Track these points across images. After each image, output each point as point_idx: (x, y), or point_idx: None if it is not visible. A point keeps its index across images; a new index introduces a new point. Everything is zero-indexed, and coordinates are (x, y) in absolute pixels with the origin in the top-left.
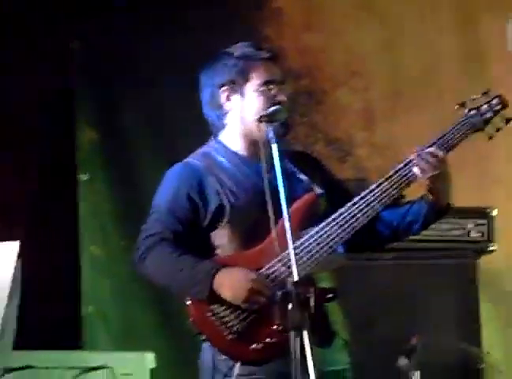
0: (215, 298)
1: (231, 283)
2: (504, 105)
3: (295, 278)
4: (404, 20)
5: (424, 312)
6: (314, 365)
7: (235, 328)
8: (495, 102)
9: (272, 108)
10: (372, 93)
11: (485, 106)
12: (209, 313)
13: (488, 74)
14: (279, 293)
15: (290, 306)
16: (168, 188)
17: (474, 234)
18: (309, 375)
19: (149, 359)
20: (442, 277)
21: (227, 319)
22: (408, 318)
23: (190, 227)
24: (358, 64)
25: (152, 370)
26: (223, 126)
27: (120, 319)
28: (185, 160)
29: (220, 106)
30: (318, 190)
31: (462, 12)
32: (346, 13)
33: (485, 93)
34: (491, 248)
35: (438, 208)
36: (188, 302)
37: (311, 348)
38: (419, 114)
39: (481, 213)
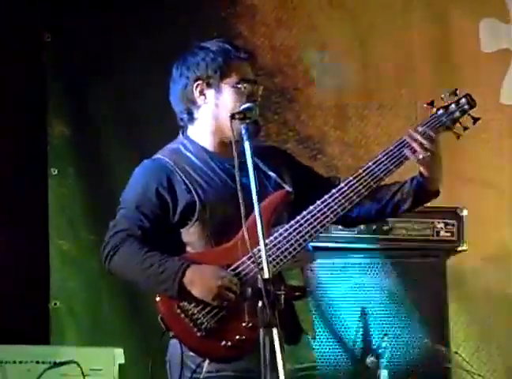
0: (184, 295)
1: (200, 281)
2: (472, 105)
3: (266, 275)
4: (376, 19)
5: (393, 310)
6: (284, 363)
7: (204, 326)
8: (463, 101)
9: (246, 106)
10: (344, 91)
11: (453, 105)
12: (179, 310)
13: (461, 74)
14: (249, 290)
15: (260, 304)
16: (137, 184)
17: (444, 234)
18: (278, 372)
19: (118, 355)
20: (412, 276)
21: (196, 316)
22: (376, 317)
23: (158, 223)
24: (330, 62)
25: (121, 366)
26: (191, 121)
27: (89, 314)
28: (153, 157)
29: (192, 100)
30: (288, 187)
31: (435, 11)
32: (318, 11)
33: (454, 92)
34: (460, 248)
35: (429, 191)
36: (157, 299)
37: (281, 346)
38: (391, 113)
39: (451, 213)
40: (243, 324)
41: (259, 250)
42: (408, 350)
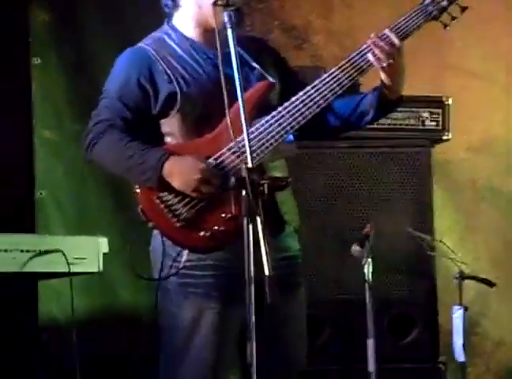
0: (164, 185)
1: (180, 172)
2: None
3: (249, 164)
4: None
5: (378, 200)
6: (267, 252)
7: (183, 216)
8: None
9: None
10: None
11: None
12: (158, 201)
13: None
14: (232, 179)
15: (244, 193)
16: (119, 74)
17: (428, 123)
18: (260, 262)
19: (103, 244)
20: (396, 166)
21: (175, 207)
22: (361, 206)
23: (139, 113)
24: None
25: (105, 255)
26: (176, 7)
27: (74, 204)
28: (137, 45)
29: None
30: (271, 79)
31: None
32: None
33: None
34: (445, 137)
35: (391, 100)
36: (137, 190)
37: (264, 234)
38: (377, 1)
39: (436, 102)
40: (222, 215)
41: (240, 141)
42: (393, 238)
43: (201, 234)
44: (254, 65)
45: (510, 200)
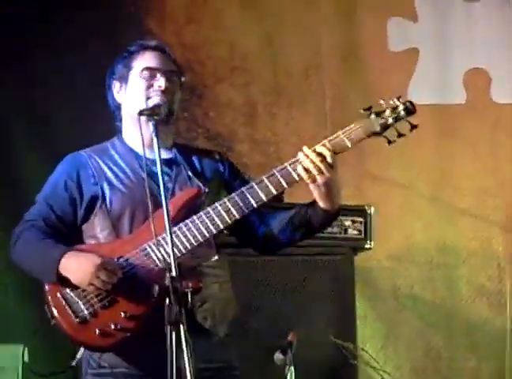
0: (64, 282)
1: (76, 267)
2: (410, 111)
3: (173, 273)
4: (284, 17)
5: (301, 307)
6: (189, 361)
7: (81, 313)
8: (401, 108)
9: (154, 101)
10: (253, 89)
11: (388, 111)
12: (60, 297)
13: (369, 72)
14: (156, 287)
15: (167, 301)
16: (51, 178)
17: (351, 232)
18: (183, 371)
19: (22, 353)
20: (319, 273)
21: (75, 303)
22: (284, 314)
23: (64, 216)
24: (239, 59)
25: (24, 363)
26: (120, 121)
27: None
28: (76, 152)
29: (116, 101)
30: (202, 186)
31: (343, 10)
32: (227, 8)
33: (399, 98)
34: (367, 246)
35: (325, 216)
36: (46, 286)
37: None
38: (300, 110)
39: (359, 211)
40: (122, 314)
41: (153, 243)
42: (316, 346)
43: (97, 331)
44: (189, 173)
45: (431, 308)
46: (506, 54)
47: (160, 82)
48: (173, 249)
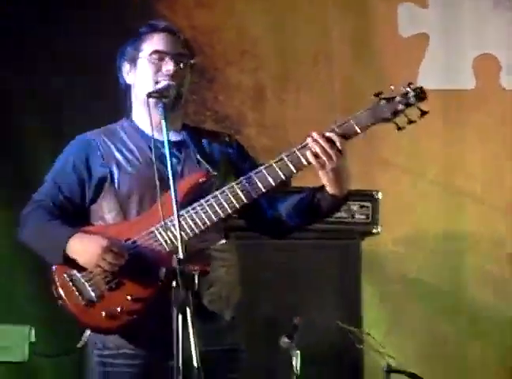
0: (71, 263)
1: (82, 249)
2: (421, 98)
3: (181, 255)
4: (294, 2)
5: (307, 292)
6: (196, 344)
7: (88, 295)
8: (411, 94)
9: (163, 84)
10: (262, 73)
11: (399, 97)
12: (68, 278)
13: (379, 58)
14: (163, 270)
15: (174, 284)
16: (60, 159)
17: (359, 216)
18: (191, 354)
19: (29, 333)
20: (326, 258)
21: (82, 285)
22: (291, 298)
23: (72, 196)
24: (249, 44)
25: (31, 343)
26: (130, 104)
27: (1, 293)
28: (85, 133)
29: (126, 84)
30: (210, 169)
31: None
32: None
33: (409, 84)
34: (374, 230)
35: (334, 201)
36: (53, 267)
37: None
38: (308, 96)
39: (366, 196)
40: (128, 297)
41: (161, 226)
42: (322, 330)
43: (103, 313)
44: (198, 157)
45: (437, 294)
46: None
47: (168, 66)
48: (181, 233)
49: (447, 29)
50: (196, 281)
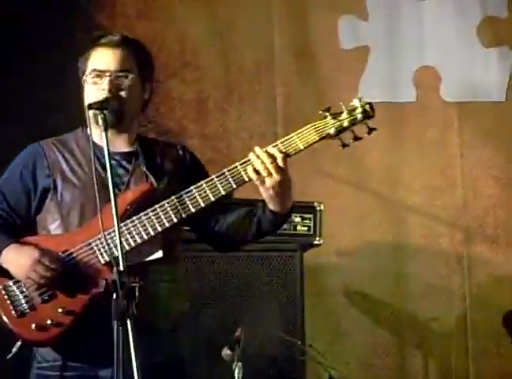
0: (6, 274)
1: (15, 260)
2: (368, 115)
3: (121, 267)
4: (236, 13)
5: (250, 303)
6: (136, 356)
7: (20, 307)
8: (358, 110)
9: (102, 96)
10: (205, 84)
11: (345, 114)
12: (2, 289)
13: (320, 70)
14: (103, 282)
15: (114, 296)
16: (9, 168)
17: (300, 228)
18: (131, 366)
19: None
20: (269, 269)
21: (15, 297)
22: (233, 309)
23: (17, 205)
24: (191, 55)
25: None
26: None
27: None
28: (36, 142)
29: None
30: (154, 182)
31: (294, 8)
32: (178, 3)
33: (359, 99)
34: (316, 242)
35: (275, 218)
36: None
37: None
38: (251, 106)
39: (308, 208)
40: (59, 309)
41: (99, 239)
42: (264, 342)
43: (33, 326)
44: (144, 169)
45: (379, 305)
46: (456, 52)
47: (104, 85)
48: (121, 244)
49: (388, 42)
50: (137, 294)
